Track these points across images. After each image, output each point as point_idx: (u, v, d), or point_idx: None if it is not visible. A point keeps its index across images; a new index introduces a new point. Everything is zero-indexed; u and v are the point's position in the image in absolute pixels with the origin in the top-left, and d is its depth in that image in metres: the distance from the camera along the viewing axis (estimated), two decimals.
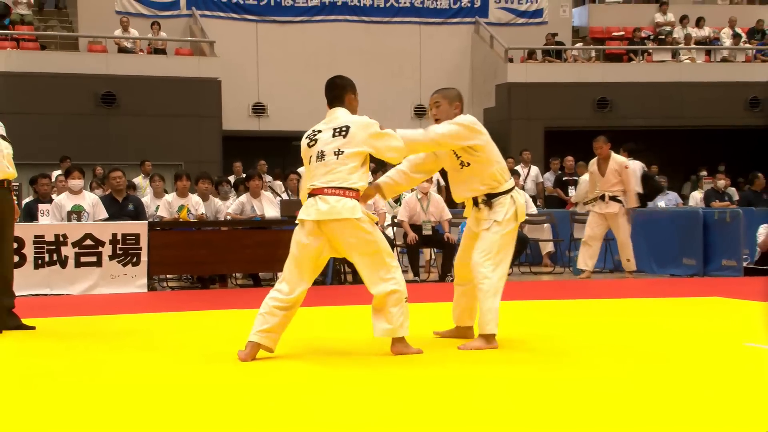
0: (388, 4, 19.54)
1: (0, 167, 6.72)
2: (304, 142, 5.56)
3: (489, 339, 5.69)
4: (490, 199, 5.85)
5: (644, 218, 12.13)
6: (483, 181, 5.84)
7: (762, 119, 19.73)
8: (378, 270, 5.36)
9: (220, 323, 7.41)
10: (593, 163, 11.21)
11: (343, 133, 5.37)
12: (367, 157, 5.45)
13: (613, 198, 11.01)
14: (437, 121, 5.97)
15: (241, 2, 18.80)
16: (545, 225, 13.19)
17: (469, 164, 5.85)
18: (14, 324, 6.79)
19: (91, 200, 10.35)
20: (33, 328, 6.84)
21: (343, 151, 5.34)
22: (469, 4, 19.96)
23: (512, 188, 5.92)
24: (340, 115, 5.50)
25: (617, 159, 11.07)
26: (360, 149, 5.36)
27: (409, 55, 19.50)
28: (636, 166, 12.65)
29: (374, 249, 5.35)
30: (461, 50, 19.85)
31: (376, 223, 5.63)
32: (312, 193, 5.40)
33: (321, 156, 5.40)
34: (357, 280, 10.74)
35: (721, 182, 15.25)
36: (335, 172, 5.34)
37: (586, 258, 11.14)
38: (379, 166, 11.04)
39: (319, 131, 5.50)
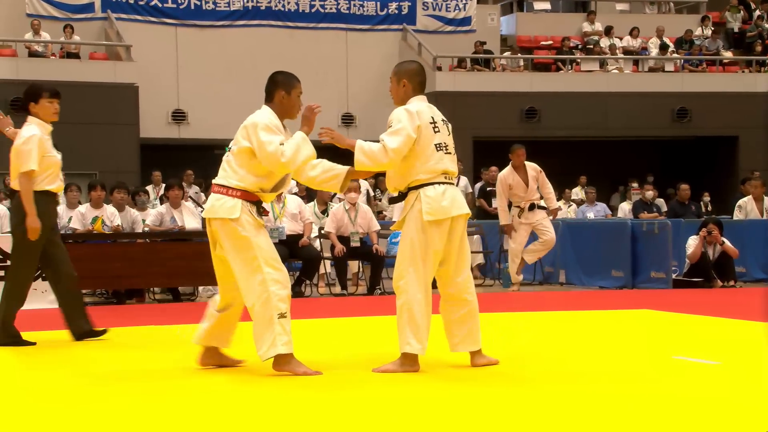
0: (313, 10, 19.50)
1: (57, 179, 6.87)
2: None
3: (406, 360, 5.35)
4: (400, 195, 5.54)
5: (573, 229, 12.32)
6: (403, 176, 5.46)
7: (690, 130, 20.22)
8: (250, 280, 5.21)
9: (135, 340, 7.27)
10: (509, 175, 11.18)
11: None
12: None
13: (539, 206, 11.22)
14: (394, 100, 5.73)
15: (159, 6, 18.57)
16: (475, 237, 13.26)
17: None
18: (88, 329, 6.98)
19: None
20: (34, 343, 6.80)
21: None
22: (396, 11, 20.05)
23: (426, 184, 5.38)
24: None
25: (532, 165, 11.21)
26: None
27: (334, 62, 19.50)
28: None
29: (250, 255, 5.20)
30: (388, 57, 19.88)
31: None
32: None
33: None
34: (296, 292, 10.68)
35: (650, 193, 15.58)
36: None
37: (518, 270, 11.29)
38: None
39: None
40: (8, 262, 9.45)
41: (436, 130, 5.48)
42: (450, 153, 5.52)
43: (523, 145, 11.30)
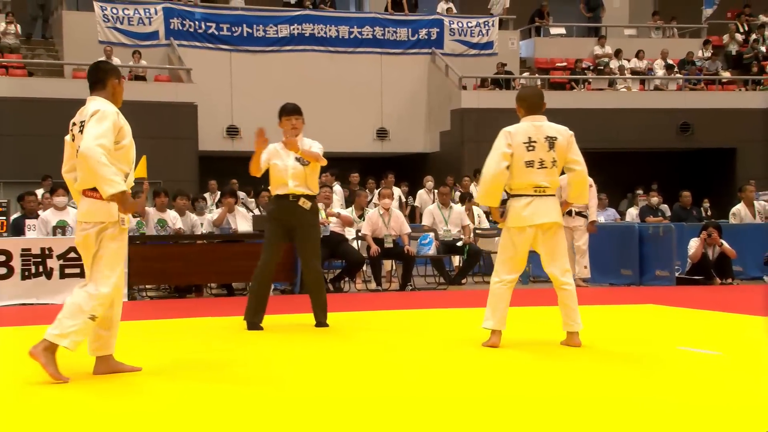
0: (351, 36, 19.54)
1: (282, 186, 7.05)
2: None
3: (491, 335, 5.83)
4: (503, 201, 5.93)
5: None
6: (507, 185, 5.91)
7: (692, 142, 20.04)
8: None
9: (194, 330, 7.32)
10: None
11: None
12: None
13: (579, 213, 11.15)
14: None
15: (216, 33, 18.70)
16: (496, 238, 13.22)
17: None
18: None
19: (74, 216, 10.19)
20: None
21: None
22: (426, 37, 20.03)
23: (516, 195, 5.85)
24: None
25: (589, 178, 11.14)
26: None
27: (371, 82, 19.52)
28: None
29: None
30: (419, 78, 19.91)
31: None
32: None
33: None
34: (335, 288, 10.72)
35: (655, 199, 15.43)
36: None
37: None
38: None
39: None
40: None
41: (530, 149, 5.83)
42: (544, 167, 5.81)
43: None
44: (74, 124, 4.89)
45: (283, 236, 7.01)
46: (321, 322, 7.07)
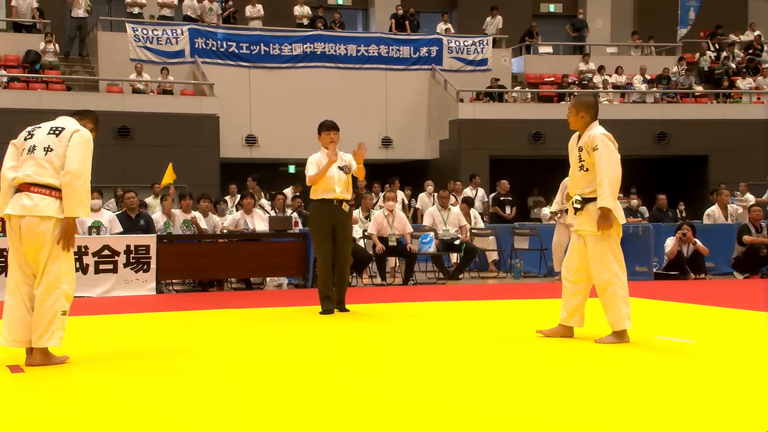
0: (359, 54, 19.55)
1: (330, 191, 7.30)
2: None
3: (621, 335, 5.49)
4: (584, 201, 5.51)
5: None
6: (589, 184, 5.56)
7: (668, 150, 20.01)
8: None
9: (216, 321, 7.31)
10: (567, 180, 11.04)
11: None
12: None
13: None
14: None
15: (236, 51, 18.71)
16: (490, 237, 13.20)
17: (587, 170, 5.51)
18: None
19: (108, 217, 10.24)
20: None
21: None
22: (426, 54, 20.02)
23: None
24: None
25: None
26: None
27: (376, 96, 19.51)
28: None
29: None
30: (420, 92, 19.90)
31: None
32: None
33: None
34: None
35: (634, 202, 15.41)
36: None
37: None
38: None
39: None
40: (116, 258, 9.64)
41: None
42: None
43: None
44: (39, 128, 4.82)
45: (329, 233, 7.32)
46: (340, 302, 7.36)
